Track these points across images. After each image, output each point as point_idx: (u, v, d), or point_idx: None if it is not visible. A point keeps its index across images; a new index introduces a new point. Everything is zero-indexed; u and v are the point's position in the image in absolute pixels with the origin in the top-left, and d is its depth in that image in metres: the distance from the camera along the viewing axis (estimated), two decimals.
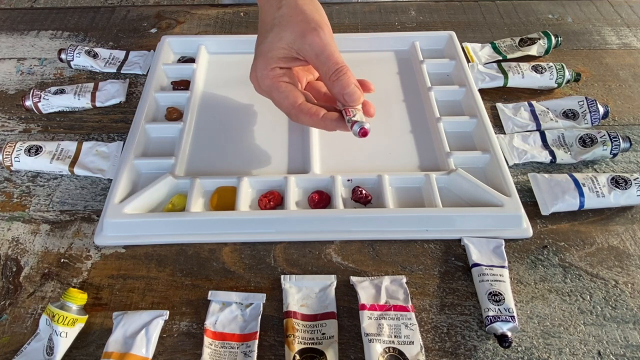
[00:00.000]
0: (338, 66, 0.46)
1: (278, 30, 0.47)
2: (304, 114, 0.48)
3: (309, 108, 0.48)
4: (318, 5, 0.49)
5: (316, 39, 0.46)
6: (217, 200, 0.53)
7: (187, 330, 0.44)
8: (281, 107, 0.49)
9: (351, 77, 0.47)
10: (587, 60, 0.72)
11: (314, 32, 0.46)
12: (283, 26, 0.47)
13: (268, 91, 0.49)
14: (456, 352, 0.43)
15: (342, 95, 0.47)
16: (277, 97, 0.49)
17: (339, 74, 0.46)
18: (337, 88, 0.46)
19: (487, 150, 0.56)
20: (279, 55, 0.47)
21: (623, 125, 0.63)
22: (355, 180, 0.54)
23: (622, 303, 0.46)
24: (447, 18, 0.79)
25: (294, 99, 0.48)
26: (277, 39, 0.47)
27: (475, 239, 0.50)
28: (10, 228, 0.52)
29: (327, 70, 0.46)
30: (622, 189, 0.52)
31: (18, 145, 0.57)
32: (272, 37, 0.47)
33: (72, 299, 0.43)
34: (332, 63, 0.46)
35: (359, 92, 0.47)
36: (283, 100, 0.48)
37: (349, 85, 0.46)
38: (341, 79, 0.46)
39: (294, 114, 0.49)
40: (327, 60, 0.46)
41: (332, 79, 0.46)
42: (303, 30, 0.46)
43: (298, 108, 0.48)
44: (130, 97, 0.67)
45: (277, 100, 0.49)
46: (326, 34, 0.46)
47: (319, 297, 0.46)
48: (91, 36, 0.77)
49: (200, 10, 0.82)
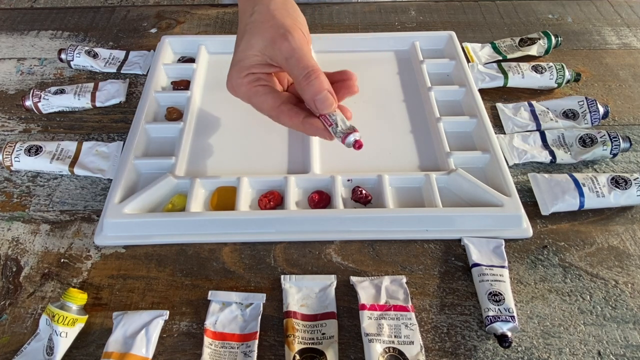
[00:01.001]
0: (308, 70, 0.43)
1: (249, 37, 0.46)
2: (284, 115, 0.46)
3: (289, 109, 0.46)
4: (292, 9, 0.48)
5: (285, 44, 0.44)
6: (217, 200, 0.53)
7: (187, 330, 0.44)
8: (262, 110, 0.48)
9: (323, 81, 0.44)
10: (587, 60, 0.72)
11: (282, 37, 0.44)
12: (254, 33, 0.46)
13: (247, 97, 0.48)
14: (456, 352, 0.43)
15: (314, 102, 0.44)
16: (256, 102, 0.47)
17: (309, 78, 0.43)
18: (309, 94, 0.44)
19: (487, 150, 0.56)
20: (252, 63, 0.46)
21: (623, 125, 0.63)
22: (355, 180, 0.54)
23: (622, 303, 0.46)
24: (447, 18, 0.79)
25: (273, 101, 0.46)
26: (249, 46, 0.46)
27: (475, 239, 0.50)
28: (10, 228, 0.52)
29: (297, 75, 0.44)
30: (622, 189, 0.52)
31: (18, 145, 0.57)
32: (243, 45, 0.46)
33: (72, 299, 0.43)
34: (301, 67, 0.43)
35: (331, 98, 0.44)
36: (262, 104, 0.47)
37: (320, 91, 0.43)
38: (312, 83, 0.43)
39: (275, 115, 0.47)
40: (297, 64, 0.43)
41: (302, 84, 0.44)
42: (272, 36, 0.44)
43: (278, 109, 0.46)
44: (130, 97, 0.67)
45: (257, 105, 0.48)
46: (295, 39, 0.44)
47: (319, 297, 0.46)
48: (91, 36, 0.77)
49: (200, 10, 0.82)
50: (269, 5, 0.46)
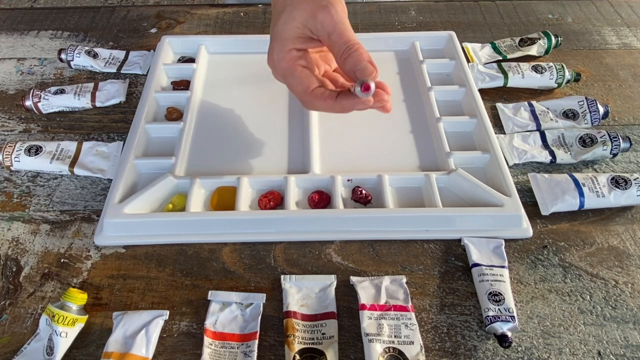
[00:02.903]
0: (349, 44, 0.44)
1: (290, 9, 0.46)
2: (317, 99, 0.46)
3: (322, 92, 0.46)
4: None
5: (327, 17, 0.44)
6: (217, 200, 0.53)
7: (187, 330, 0.44)
8: (295, 91, 0.48)
9: (364, 53, 0.45)
10: (587, 60, 0.72)
11: (325, 10, 0.44)
12: (295, 6, 0.46)
13: (284, 75, 0.48)
14: (456, 352, 0.43)
15: (354, 72, 0.45)
16: (292, 82, 0.47)
17: (351, 51, 0.44)
18: (349, 65, 0.45)
19: (487, 150, 0.56)
20: (294, 35, 0.46)
21: (623, 125, 0.63)
22: (355, 180, 0.54)
23: (622, 303, 0.46)
24: (447, 18, 0.79)
25: (308, 84, 0.46)
26: (290, 19, 0.46)
27: (475, 239, 0.50)
28: (10, 228, 0.52)
29: (338, 49, 0.45)
30: (622, 189, 0.52)
31: (18, 145, 0.57)
32: (285, 18, 0.46)
33: (72, 299, 0.43)
34: (343, 41, 0.44)
35: (371, 67, 0.45)
36: (297, 85, 0.47)
37: (361, 61, 0.44)
38: (353, 55, 0.44)
39: (308, 100, 0.47)
40: (339, 39, 0.45)
41: (343, 57, 0.45)
42: (314, 9, 0.45)
43: (312, 94, 0.46)
44: (130, 97, 0.67)
45: (291, 85, 0.48)
46: (338, 12, 0.45)
47: (319, 297, 0.46)
48: (91, 36, 0.77)
49: (200, 10, 0.82)
50: None
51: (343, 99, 0.46)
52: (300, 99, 0.48)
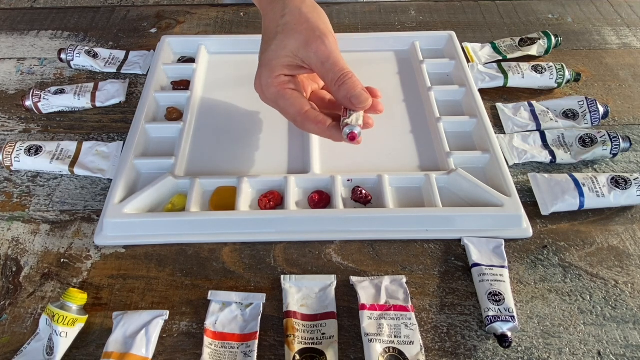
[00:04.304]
0: (343, 72, 0.46)
1: (282, 38, 0.47)
2: (310, 121, 0.48)
3: (316, 116, 0.47)
4: (322, 14, 0.49)
5: (321, 47, 0.46)
6: (217, 200, 0.53)
7: (187, 330, 0.44)
8: (287, 114, 0.49)
9: (357, 81, 0.46)
10: (587, 60, 0.72)
11: (319, 41, 0.46)
12: (287, 34, 0.47)
13: (274, 99, 0.49)
14: (456, 352, 0.43)
15: (349, 99, 0.46)
16: (283, 105, 0.48)
17: (345, 79, 0.46)
18: (343, 92, 0.46)
19: (487, 150, 0.56)
20: (284, 63, 0.47)
21: (623, 125, 0.63)
22: (355, 180, 0.54)
23: (622, 303, 0.46)
24: (447, 18, 0.79)
25: (300, 107, 0.48)
26: (281, 47, 0.47)
27: (475, 239, 0.50)
28: (10, 228, 0.52)
29: (333, 77, 0.46)
30: (622, 189, 0.52)
31: (18, 145, 0.57)
32: (276, 46, 0.47)
33: (72, 299, 0.43)
34: (337, 69, 0.46)
35: (366, 94, 0.46)
36: (289, 107, 0.48)
37: (355, 89, 0.46)
38: (347, 82, 0.46)
39: (300, 121, 0.48)
40: (333, 67, 0.46)
41: (337, 84, 0.46)
42: (308, 39, 0.46)
43: (304, 115, 0.48)
44: (130, 97, 0.67)
45: (283, 108, 0.49)
46: (331, 42, 0.46)
47: (319, 297, 0.46)
48: (91, 36, 0.77)
49: (200, 10, 0.82)
50: (301, 8, 0.48)
51: (334, 129, 0.47)
52: (292, 120, 0.49)
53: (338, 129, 0.47)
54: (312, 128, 0.48)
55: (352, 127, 0.46)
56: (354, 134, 0.46)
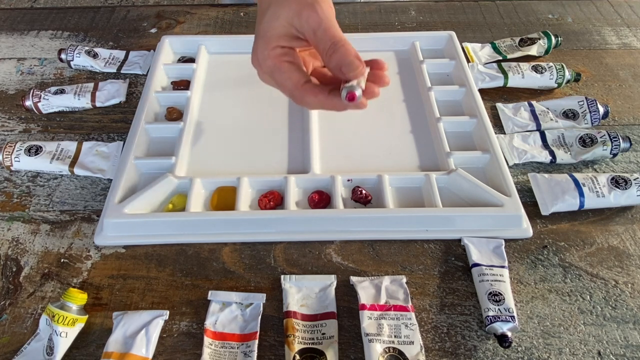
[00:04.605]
0: (335, 40, 0.43)
1: (275, 8, 0.45)
2: (309, 94, 0.44)
3: (313, 87, 0.45)
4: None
5: (312, 14, 0.43)
6: (217, 200, 0.53)
7: (187, 330, 0.44)
8: (284, 88, 0.46)
9: (350, 49, 0.43)
10: (587, 60, 0.72)
11: (311, 8, 0.43)
12: (280, 3, 0.44)
13: (270, 72, 0.46)
14: (456, 352, 0.43)
15: (340, 68, 0.43)
16: (280, 78, 0.45)
17: (336, 47, 0.43)
18: (335, 61, 0.43)
19: (487, 150, 0.56)
20: (279, 33, 0.45)
21: (623, 125, 0.63)
22: (355, 180, 0.54)
23: (622, 303, 0.46)
24: (447, 18, 0.79)
25: (297, 79, 0.45)
26: (275, 17, 0.45)
27: (475, 239, 0.50)
28: (10, 228, 0.52)
29: (324, 46, 0.43)
30: (622, 189, 0.52)
31: (18, 145, 0.57)
32: (269, 16, 0.45)
33: (72, 299, 0.43)
34: (328, 37, 0.43)
35: (358, 62, 0.43)
36: (286, 80, 0.45)
37: (347, 57, 0.42)
38: (339, 51, 0.43)
39: (298, 95, 0.45)
40: (324, 35, 0.43)
41: (329, 53, 0.43)
42: (300, 7, 0.43)
43: (302, 88, 0.45)
44: (130, 97, 0.67)
45: (280, 82, 0.46)
46: (324, 10, 0.43)
47: (319, 297, 0.46)
48: (91, 36, 0.77)
49: (200, 10, 0.82)
50: None
51: (336, 96, 0.44)
52: (289, 94, 0.46)
53: (338, 96, 0.43)
54: (312, 100, 0.45)
55: (351, 87, 0.42)
56: (352, 94, 0.42)
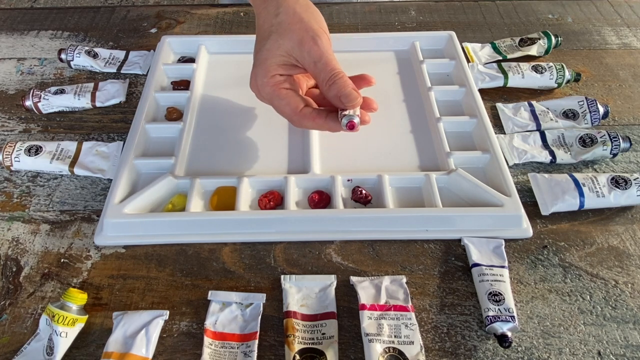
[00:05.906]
0: (334, 72, 0.47)
1: (276, 37, 0.47)
2: (306, 118, 0.48)
3: (311, 112, 0.48)
4: (316, 12, 0.50)
5: (314, 48, 0.46)
6: (217, 200, 0.53)
7: (187, 330, 0.44)
8: (283, 113, 0.50)
9: (347, 81, 0.47)
10: (587, 60, 0.72)
11: (312, 41, 0.46)
12: (281, 34, 0.47)
13: (269, 99, 0.50)
14: (456, 352, 0.43)
15: (339, 98, 0.47)
16: (279, 104, 0.49)
17: (336, 78, 0.46)
18: (334, 91, 0.47)
19: (487, 150, 0.56)
20: (278, 63, 0.48)
21: (623, 125, 0.63)
22: (355, 180, 0.54)
23: (622, 303, 0.46)
24: (447, 18, 0.79)
25: (296, 105, 0.48)
26: (276, 46, 0.47)
27: (475, 239, 0.50)
28: (10, 228, 0.52)
29: (324, 77, 0.47)
30: (622, 189, 0.52)
31: (18, 145, 0.57)
32: (270, 45, 0.48)
33: (72, 299, 0.43)
34: (329, 69, 0.46)
35: (356, 93, 0.47)
36: (285, 107, 0.49)
37: (345, 88, 0.46)
38: (337, 82, 0.46)
39: (297, 119, 0.49)
40: (325, 67, 0.46)
41: (328, 83, 0.47)
42: (301, 39, 0.46)
43: (300, 114, 0.48)
44: (130, 97, 0.67)
45: (279, 107, 0.49)
46: (324, 43, 0.47)
47: (319, 297, 0.46)
48: (91, 36, 0.77)
49: (200, 10, 0.82)
50: (294, 8, 0.48)
51: (331, 120, 0.48)
52: (289, 119, 0.50)
53: (335, 119, 0.48)
54: (310, 124, 0.49)
55: (350, 117, 0.47)
56: (352, 122, 0.47)
